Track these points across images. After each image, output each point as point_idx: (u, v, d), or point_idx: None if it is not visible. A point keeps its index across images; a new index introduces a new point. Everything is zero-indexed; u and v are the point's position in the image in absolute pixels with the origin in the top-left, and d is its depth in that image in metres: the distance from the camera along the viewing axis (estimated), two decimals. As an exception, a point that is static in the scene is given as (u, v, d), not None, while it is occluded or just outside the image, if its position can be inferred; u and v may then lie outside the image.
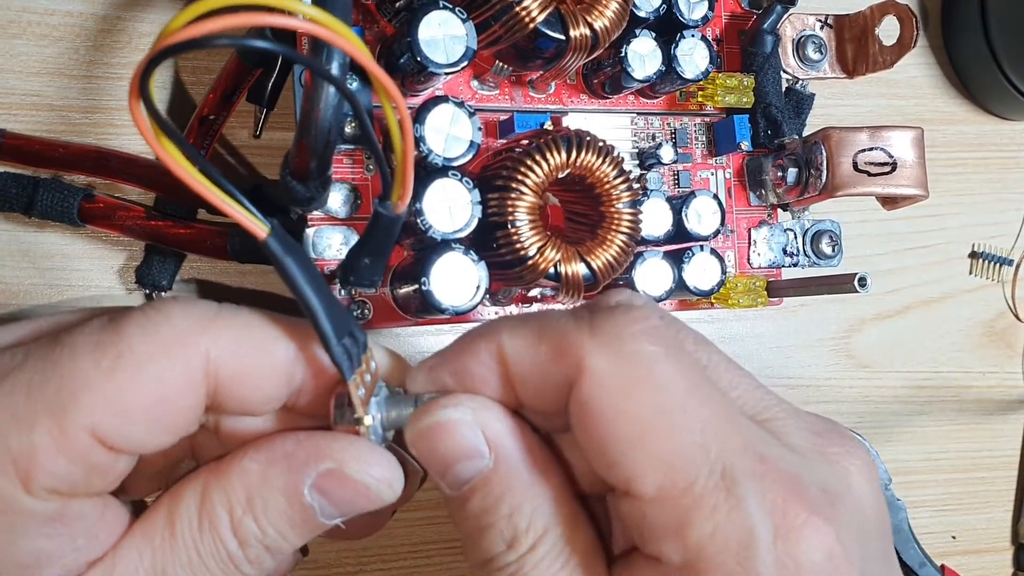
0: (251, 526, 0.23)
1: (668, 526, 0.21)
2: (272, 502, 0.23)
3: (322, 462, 0.23)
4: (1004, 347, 0.53)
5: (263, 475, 0.23)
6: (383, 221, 0.26)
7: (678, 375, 0.22)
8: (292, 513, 0.23)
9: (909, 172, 0.38)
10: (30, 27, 0.37)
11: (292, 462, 0.23)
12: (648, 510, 0.22)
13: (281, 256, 0.22)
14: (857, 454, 0.24)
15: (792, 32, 0.42)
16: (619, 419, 0.22)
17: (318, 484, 0.23)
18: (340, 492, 0.23)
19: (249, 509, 0.23)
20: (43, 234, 0.36)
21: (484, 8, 0.31)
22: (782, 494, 0.21)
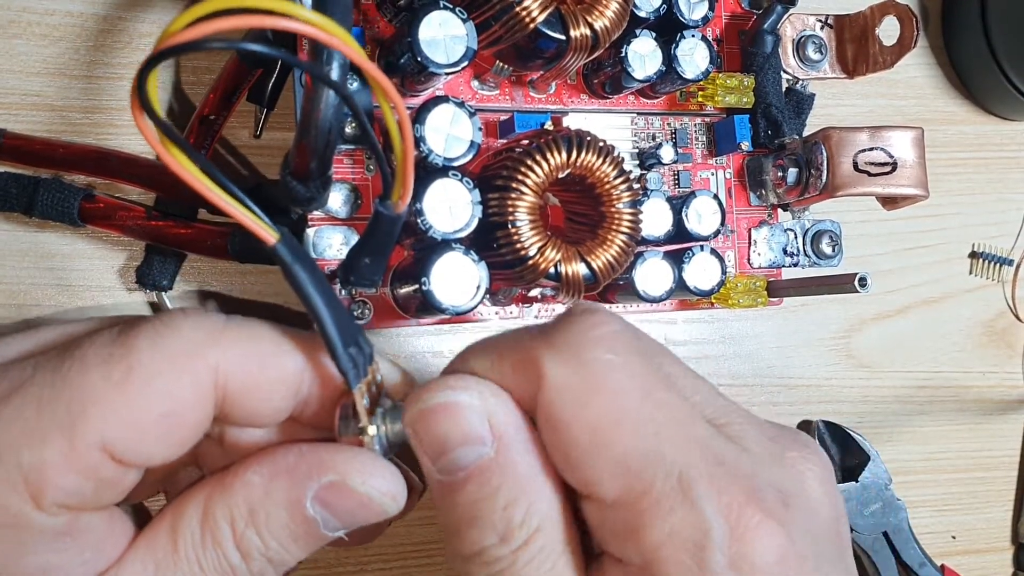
0: (254, 539, 0.23)
1: (627, 529, 0.22)
2: (275, 515, 0.23)
3: (324, 475, 0.23)
4: (1004, 347, 0.53)
5: (266, 488, 0.23)
6: (383, 221, 0.26)
7: (634, 381, 0.22)
8: (295, 526, 0.23)
9: (909, 172, 0.38)
10: (30, 27, 0.37)
11: (294, 475, 0.23)
12: (608, 514, 0.22)
13: (290, 263, 0.22)
14: (813, 459, 0.24)
15: (792, 32, 0.42)
16: (577, 426, 0.22)
17: (320, 497, 0.23)
18: (343, 505, 0.23)
19: (252, 522, 0.23)
20: (43, 234, 0.36)
21: (484, 8, 0.31)
22: (737, 496, 0.22)
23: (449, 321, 0.38)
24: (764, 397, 0.48)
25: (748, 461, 0.23)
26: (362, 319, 0.34)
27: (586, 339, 0.23)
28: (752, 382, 0.48)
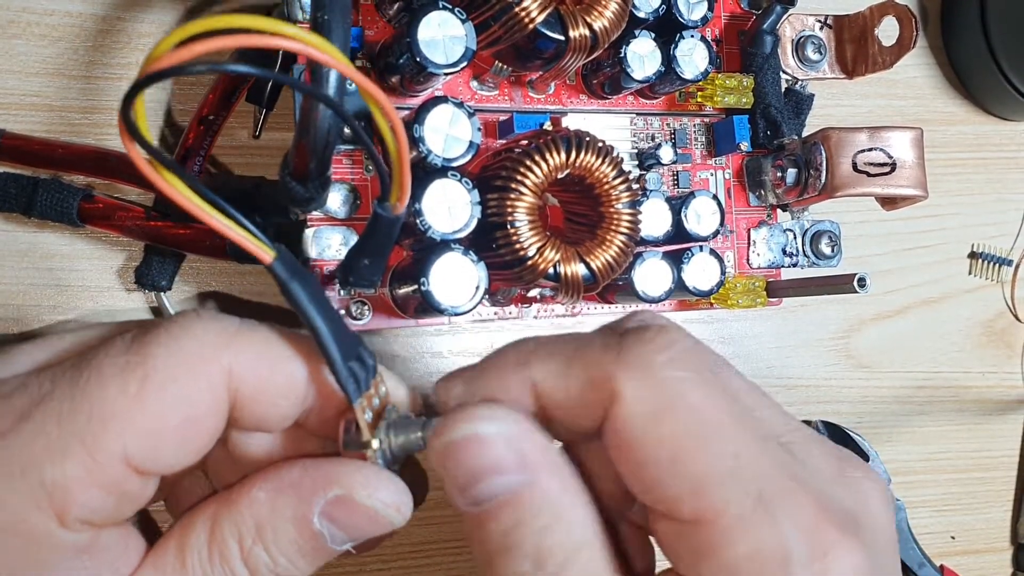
0: (262, 555, 0.23)
1: (706, 547, 0.22)
2: (282, 531, 0.23)
3: (330, 489, 0.23)
4: (1003, 347, 0.53)
5: (272, 504, 0.23)
6: (382, 222, 0.26)
7: (709, 400, 0.22)
8: (302, 541, 0.23)
9: (908, 172, 0.38)
10: (29, 27, 0.37)
11: (300, 490, 0.23)
12: (685, 532, 0.22)
13: (287, 280, 0.22)
14: (875, 479, 0.25)
15: (791, 32, 0.42)
16: (654, 444, 0.22)
17: (327, 511, 0.23)
18: (349, 518, 0.23)
19: (259, 539, 0.23)
20: (42, 234, 0.36)
21: (483, 8, 0.31)
22: (813, 515, 0.22)
23: (449, 321, 0.38)
24: (763, 397, 0.48)
25: (818, 480, 0.23)
26: (361, 319, 0.34)
27: (660, 357, 0.22)
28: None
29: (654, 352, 0.22)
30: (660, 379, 0.22)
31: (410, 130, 0.31)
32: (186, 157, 0.37)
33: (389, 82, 0.34)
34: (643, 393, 0.22)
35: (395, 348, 0.42)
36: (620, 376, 0.22)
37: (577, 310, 0.39)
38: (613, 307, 0.39)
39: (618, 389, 0.22)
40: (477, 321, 0.38)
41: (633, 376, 0.22)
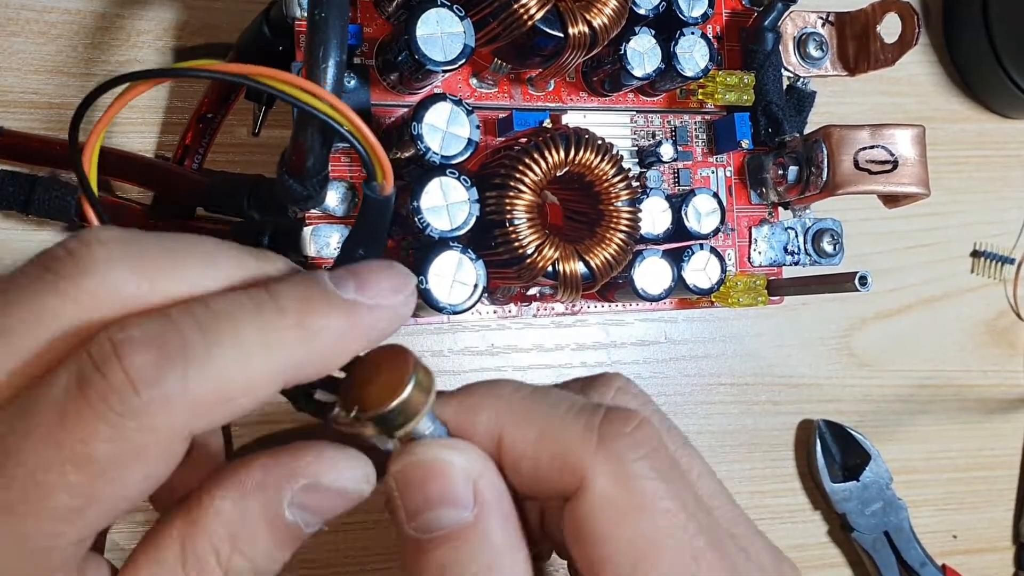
0: (239, 561, 0.22)
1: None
2: (256, 533, 0.22)
3: (296, 482, 0.23)
4: (1006, 346, 0.53)
5: (240, 511, 0.22)
6: (372, 205, 0.25)
7: (676, 503, 0.23)
8: (278, 535, 0.23)
9: (910, 170, 0.38)
10: (28, 25, 0.37)
11: (266, 491, 0.22)
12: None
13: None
14: None
15: (793, 29, 0.42)
16: (617, 542, 0.22)
17: (297, 502, 0.23)
18: (320, 503, 0.23)
19: (235, 548, 0.22)
20: (41, 232, 0.36)
21: (482, 6, 0.31)
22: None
23: (448, 320, 0.38)
24: (765, 396, 0.48)
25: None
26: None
27: (634, 455, 0.23)
28: (753, 381, 0.48)
29: (630, 449, 0.23)
30: (631, 477, 0.22)
31: (408, 128, 0.31)
32: (184, 155, 0.37)
33: (388, 79, 0.34)
34: (614, 491, 0.22)
35: (395, 346, 0.42)
36: (593, 468, 0.22)
37: (577, 308, 0.38)
38: (613, 305, 0.39)
39: (589, 481, 0.22)
40: (476, 320, 0.38)
41: (606, 469, 0.22)
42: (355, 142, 0.23)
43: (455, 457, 0.23)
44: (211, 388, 0.20)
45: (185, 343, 0.20)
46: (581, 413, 0.24)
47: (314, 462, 0.23)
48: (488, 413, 0.24)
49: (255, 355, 0.20)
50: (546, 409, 0.24)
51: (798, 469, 0.49)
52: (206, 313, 0.20)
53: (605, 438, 0.23)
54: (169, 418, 0.19)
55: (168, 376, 0.19)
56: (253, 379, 0.21)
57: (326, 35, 0.24)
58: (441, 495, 0.22)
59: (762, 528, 0.47)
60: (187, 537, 0.22)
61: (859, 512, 0.48)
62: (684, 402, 0.47)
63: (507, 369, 0.43)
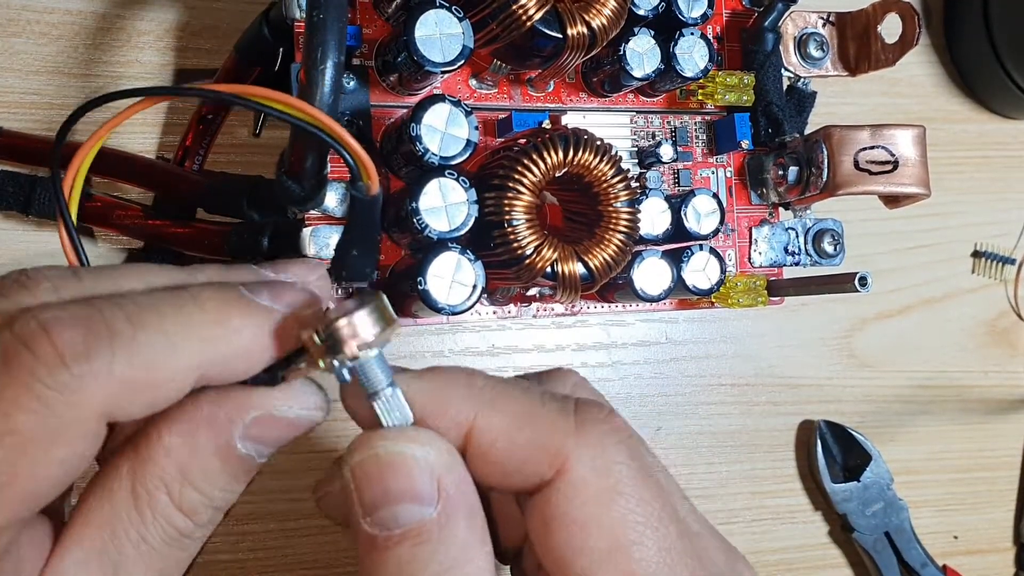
0: (194, 496, 0.22)
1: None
2: (208, 467, 0.22)
3: (247, 413, 0.22)
4: (1006, 347, 0.53)
5: (191, 446, 0.22)
6: (360, 205, 0.25)
7: (649, 492, 0.23)
8: (231, 468, 0.22)
9: (911, 171, 0.38)
10: (29, 25, 0.37)
11: (216, 424, 0.22)
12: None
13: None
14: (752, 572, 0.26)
15: (794, 30, 0.42)
16: (593, 529, 0.22)
17: (248, 434, 0.22)
18: (272, 432, 0.23)
19: (187, 482, 0.22)
20: (41, 233, 0.36)
21: (481, 7, 0.31)
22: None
23: (447, 320, 0.38)
24: (765, 397, 0.48)
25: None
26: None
27: (612, 440, 0.23)
28: (754, 382, 0.48)
29: (607, 434, 0.23)
30: (612, 465, 0.22)
31: (407, 129, 0.31)
32: (185, 156, 0.37)
33: (387, 80, 0.34)
34: (593, 475, 0.22)
35: (395, 347, 0.42)
36: (574, 451, 0.22)
37: (577, 309, 0.38)
38: (613, 306, 0.39)
39: (569, 464, 0.22)
40: (476, 320, 0.38)
41: (586, 454, 0.22)
42: (339, 148, 0.23)
43: (418, 450, 0.22)
44: (137, 371, 0.20)
45: (111, 325, 0.20)
46: (555, 399, 0.23)
47: (265, 394, 0.22)
48: (460, 397, 0.23)
49: (179, 345, 0.20)
50: (520, 393, 0.23)
51: (799, 470, 0.49)
52: (131, 303, 0.21)
53: (584, 423, 0.23)
54: (94, 396, 0.19)
55: (96, 353, 0.19)
56: (176, 368, 0.21)
57: (324, 37, 0.24)
58: (402, 490, 0.22)
59: (763, 528, 0.47)
60: (137, 475, 0.22)
61: (860, 513, 0.48)
62: (685, 402, 0.47)
63: (508, 369, 0.43)
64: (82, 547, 0.22)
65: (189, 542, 0.23)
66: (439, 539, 0.22)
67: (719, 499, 0.47)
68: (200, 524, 0.22)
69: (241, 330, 0.21)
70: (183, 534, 0.22)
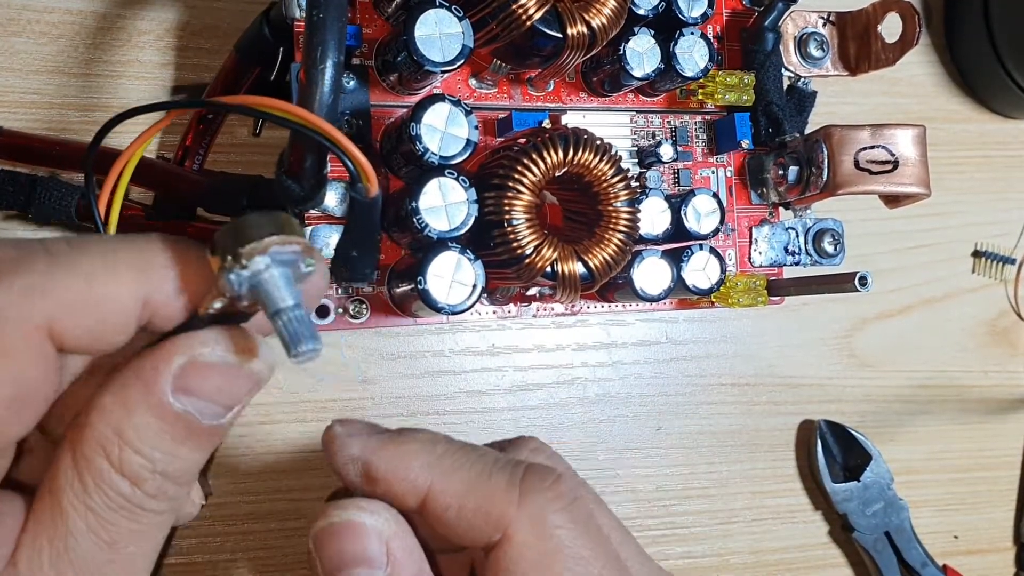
0: (134, 459, 0.21)
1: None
2: (143, 425, 0.21)
3: (172, 360, 0.21)
4: (1007, 346, 0.53)
5: (122, 403, 0.21)
6: (360, 207, 0.25)
7: (591, 551, 0.25)
8: (170, 427, 0.21)
9: (911, 170, 0.38)
10: (30, 25, 0.37)
11: (143, 376, 0.21)
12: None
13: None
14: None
15: (794, 29, 0.42)
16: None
17: (180, 387, 0.21)
18: (205, 384, 0.21)
19: (124, 442, 0.21)
20: (42, 233, 0.36)
21: (481, 6, 0.31)
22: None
23: (447, 320, 0.38)
24: (766, 396, 0.48)
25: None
26: (359, 318, 0.34)
27: (554, 506, 0.25)
28: (754, 381, 0.48)
29: (549, 501, 0.25)
30: (551, 528, 0.25)
31: (407, 128, 0.31)
32: (185, 156, 0.37)
33: (387, 80, 0.34)
34: (533, 540, 0.25)
35: (396, 347, 0.42)
36: (515, 521, 0.25)
37: (577, 308, 0.38)
38: (613, 306, 0.39)
39: (511, 531, 0.24)
40: (476, 320, 0.38)
41: (527, 521, 0.25)
42: (339, 153, 0.23)
43: (367, 517, 0.24)
44: (76, 287, 0.20)
45: (48, 247, 0.20)
46: (505, 468, 0.26)
47: (189, 338, 0.21)
48: (422, 461, 0.25)
49: (119, 265, 0.20)
50: (473, 462, 0.26)
51: (799, 469, 0.49)
52: (76, 237, 0.21)
53: (527, 492, 0.25)
54: (31, 309, 0.19)
55: (29, 268, 0.19)
56: (118, 289, 0.20)
57: (324, 36, 0.24)
58: (356, 554, 0.24)
59: (763, 528, 0.47)
60: (76, 443, 0.21)
61: (860, 512, 0.48)
62: (685, 402, 0.47)
63: (508, 369, 0.43)
64: (37, 521, 0.21)
65: (142, 513, 0.22)
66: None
67: (719, 499, 0.47)
68: (150, 493, 0.21)
69: (183, 259, 0.21)
70: (130, 500, 0.21)
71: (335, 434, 0.26)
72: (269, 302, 0.20)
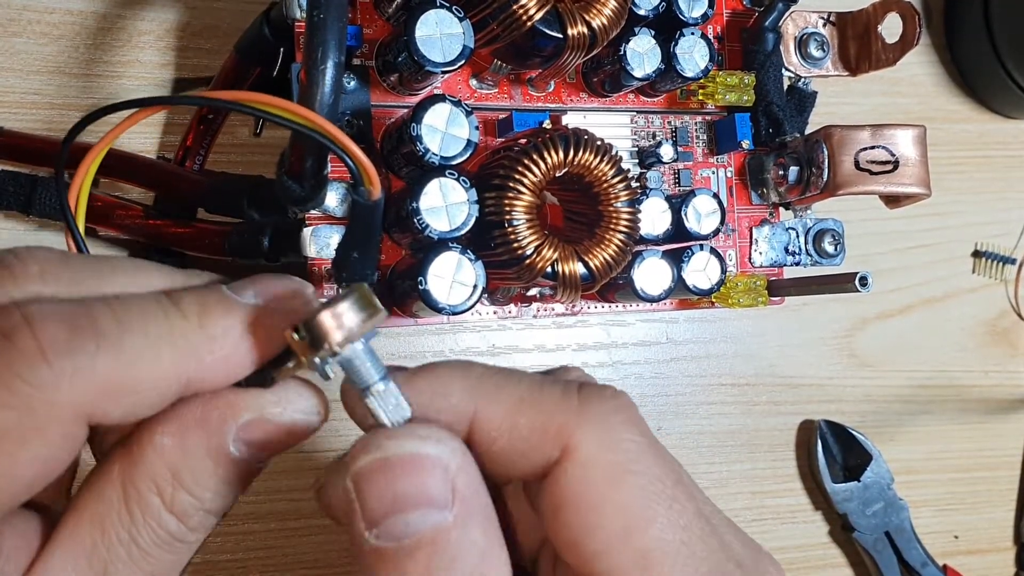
0: (185, 498, 0.21)
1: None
2: (200, 469, 0.21)
3: (240, 415, 0.21)
4: (1007, 346, 0.53)
5: (182, 446, 0.21)
6: (362, 210, 0.25)
7: (660, 468, 0.22)
8: (224, 472, 0.22)
9: (911, 171, 0.38)
10: (30, 25, 0.37)
11: (208, 425, 0.21)
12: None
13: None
14: (780, 570, 0.24)
15: (794, 29, 0.42)
16: (606, 508, 0.21)
17: (242, 437, 0.21)
18: (268, 437, 0.22)
19: (179, 484, 0.21)
20: (42, 233, 0.36)
21: (481, 7, 0.31)
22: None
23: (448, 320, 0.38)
24: (766, 396, 0.48)
25: (745, 566, 0.23)
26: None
27: (618, 418, 0.22)
28: (754, 381, 0.48)
29: (613, 412, 0.22)
30: (618, 440, 0.21)
31: (408, 129, 0.31)
32: (186, 156, 0.37)
33: (388, 80, 0.34)
34: (601, 454, 0.21)
35: (396, 347, 0.42)
36: (579, 430, 0.21)
37: (577, 309, 0.38)
38: (614, 306, 0.39)
39: (575, 443, 0.21)
40: (477, 320, 0.38)
41: (592, 432, 0.21)
42: (342, 154, 0.23)
43: (431, 448, 0.20)
44: (120, 372, 0.19)
45: (97, 325, 0.19)
46: (556, 382, 0.22)
47: (258, 396, 0.22)
48: (460, 390, 0.22)
49: (163, 350, 0.20)
50: (520, 379, 0.22)
51: (799, 469, 0.49)
52: (119, 304, 0.20)
53: (587, 400, 0.22)
54: (74, 395, 0.19)
55: (79, 351, 0.19)
56: (159, 373, 0.20)
57: (324, 36, 0.24)
58: (415, 494, 0.20)
59: (763, 528, 0.47)
60: (128, 476, 0.21)
61: (860, 512, 0.48)
62: (685, 402, 0.47)
63: (508, 369, 0.43)
64: (72, 546, 0.21)
65: (180, 545, 0.22)
66: (457, 545, 0.20)
67: (719, 499, 0.47)
68: (192, 528, 0.22)
69: (225, 333, 0.21)
70: (174, 537, 0.22)
71: None
72: (359, 380, 0.21)
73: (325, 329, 0.20)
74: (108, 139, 0.24)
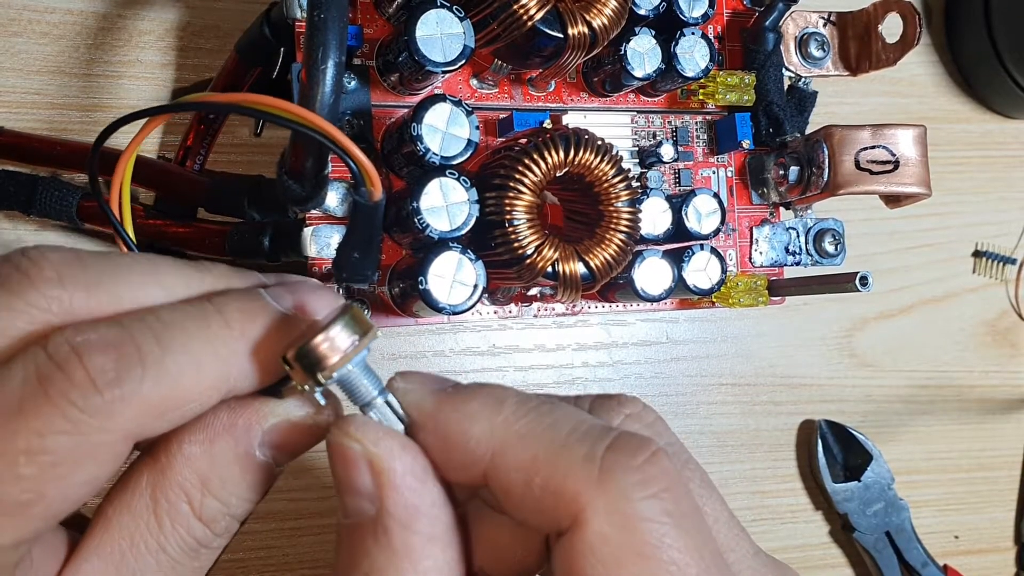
0: (214, 505, 0.22)
1: None
2: (228, 476, 0.22)
3: (266, 420, 0.22)
4: (1007, 346, 0.53)
5: (210, 454, 0.22)
6: (363, 211, 0.26)
7: (688, 554, 0.20)
8: (251, 476, 0.22)
9: (912, 170, 0.38)
10: (30, 25, 0.37)
11: (235, 431, 0.22)
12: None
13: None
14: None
15: (795, 29, 0.42)
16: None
17: (267, 441, 0.22)
18: (293, 440, 0.23)
19: (208, 491, 0.22)
20: (43, 233, 0.36)
21: (482, 6, 0.31)
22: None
23: (448, 320, 0.38)
24: (766, 396, 0.48)
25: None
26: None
27: (641, 494, 0.20)
28: (754, 381, 0.48)
29: (637, 485, 0.20)
30: (637, 521, 0.20)
31: (408, 128, 0.31)
32: (186, 156, 0.37)
33: (388, 80, 0.34)
34: (612, 532, 0.20)
35: (396, 347, 0.42)
36: (593, 503, 0.20)
37: (578, 309, 0.39)
38: (614, 306, 0.39)
39: (586, 517, 0.20)
40: (477, 320, 0.38)
41: (606, 507, 0.20)
42: (344, 156, 0.23)
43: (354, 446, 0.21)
44: (165, 393, 0.20)
45: (141, 349, 0.20)
46: (585, 437, 0.21)
47: (284, 401, 0.23)
48: (484, 426, 0.21)
49: (206, 364, 0.21)
50: (547, 428, 0.21)
51: (799, 469, 0.49)
52: (157, 323, 0.21)
53: (609, 470, 0.20)
54: (124, 419, 0.20)
55: (127, 378, 0.20)
56: (204, 386, 0.21)
57: (325, 36, 0.24)
58: (341, 480, 0.21)
59: (763, 528, 0.47)
60: (157, 485, 0.22)
61: (860, 512, 0.48)
62: (685, 402, 0.47)
63: (509, 369, 0.43)
64: (100, 555, 0.22)
65: (206, 551, 0.23)
66: (373, 541, 0.21)
67: (720, 499, 0.47)
68: (218, 533, 0.23)
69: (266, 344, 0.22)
70: (201, 543, 0.22)
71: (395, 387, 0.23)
72: (357, 397, 0.22)
73: (319, 355, 0.21)
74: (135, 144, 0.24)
